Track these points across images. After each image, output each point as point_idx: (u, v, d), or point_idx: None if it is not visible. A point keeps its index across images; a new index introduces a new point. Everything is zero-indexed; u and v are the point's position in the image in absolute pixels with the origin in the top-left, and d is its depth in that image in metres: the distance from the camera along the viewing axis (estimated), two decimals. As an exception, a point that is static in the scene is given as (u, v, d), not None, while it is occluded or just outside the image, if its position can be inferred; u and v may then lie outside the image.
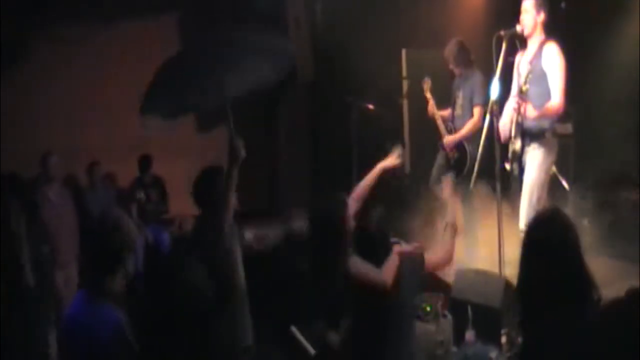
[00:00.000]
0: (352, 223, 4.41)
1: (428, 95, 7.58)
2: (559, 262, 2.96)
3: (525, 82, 5.79)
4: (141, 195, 8.79)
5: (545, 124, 5.95)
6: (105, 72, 9.22)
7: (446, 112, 7.60)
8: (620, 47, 8.40)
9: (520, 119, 5.91)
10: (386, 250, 4.18)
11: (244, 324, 4.73)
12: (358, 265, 4.13)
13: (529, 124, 5.92)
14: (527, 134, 5.95)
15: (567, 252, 2.99)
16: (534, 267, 3.01)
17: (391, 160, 5.29)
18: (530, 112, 5.85)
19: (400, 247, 4.26)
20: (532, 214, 5.94)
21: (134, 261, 3.59)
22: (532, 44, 6.06)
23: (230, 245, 4.64)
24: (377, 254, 4.14)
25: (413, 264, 4.19)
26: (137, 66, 7.52)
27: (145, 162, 8.99)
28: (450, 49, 7.43)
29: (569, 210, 7.73)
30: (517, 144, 5.98)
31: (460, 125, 7.42)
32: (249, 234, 7.62)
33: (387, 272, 4.09)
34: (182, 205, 5.20)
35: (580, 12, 8.51)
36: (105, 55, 9.19)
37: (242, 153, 4.66)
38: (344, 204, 4.42)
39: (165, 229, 8.78)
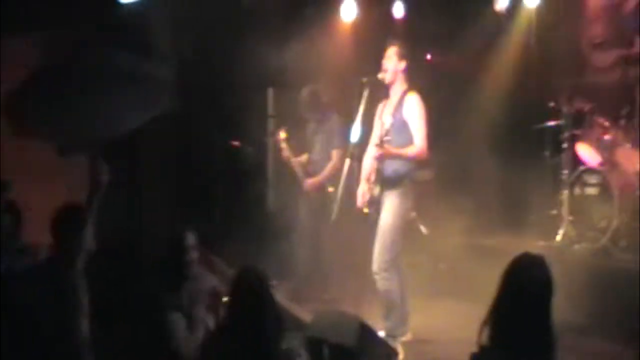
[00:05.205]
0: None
1: (283, 145, 7.69)
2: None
3: (387, 134, 5.92)
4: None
5: (404, 171, 6.12)
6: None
7: (304, 158, 7.71)
8: (481, 95, 8.79)
9: (381, 167, 6.05)
10: None
11: None
12: None
13: (388, 171, 6.08)
14: (387, 181, 6.10)
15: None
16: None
17: None
18: (391, 161, 6.02)
19: None
20: (385, 256, 6.08)
21: None
22: (395, 94, 6.23)
23: (79, 297, 4.40)
24: None
25: None
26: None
27: (-1, 186, 8.55)
28: (303, 98, 7.59)
29: (425, 255, 7.97)
30: (376, 190, 6.13)
31: (319, 168, 7.55)
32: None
33: None
34: (41, 233, 4.96)
35: (444, 63, 8.88)
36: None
37: (105, 179, 4.54)
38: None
39: (20, 258, 8.34)
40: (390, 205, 6.11)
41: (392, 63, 6.15)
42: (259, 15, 8.11)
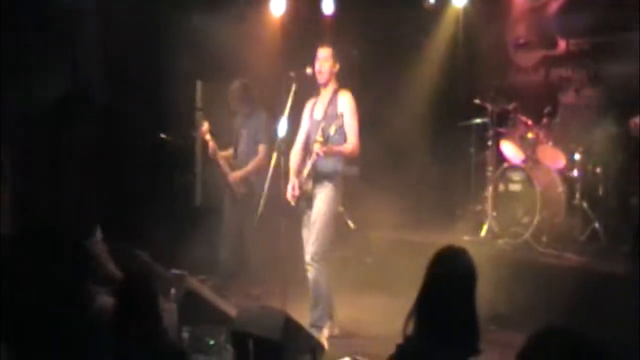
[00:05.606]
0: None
1: (207, 137, 7.65)
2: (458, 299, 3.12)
3: (334, 133, 6.00)
4: None
5: (338, 166, 6.26)
6: None
7: (228, 153, 7.69)
8: (408, 92, 8.89)
9: (318, 163, 6.14)
10: None
11: None
12: None
13: (327, 167, 6.20)
14: (322, 176, 6.20)
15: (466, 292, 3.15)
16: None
17: None
18: (329, 158, 6.13)
19: None
20: (319, 247, 6.17)
21: None
22: (326, 92, 6.35)
23: None
24: None
25: None
26: None
27: None
28: (233, 91, 7.60)
29: (352, 250, 8.03)
30: (309, 184, 6.21)
31: (244, 161, 7.55)
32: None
33: None
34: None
35: (371, 59, 8.94)
36: None
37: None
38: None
39: None
40: (325, 198, 6.22)
41: (328, 65, 6.26)
42: (187, 7, 8.04)
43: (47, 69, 7.05)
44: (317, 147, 6.03)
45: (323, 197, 6.22)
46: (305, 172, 6.23)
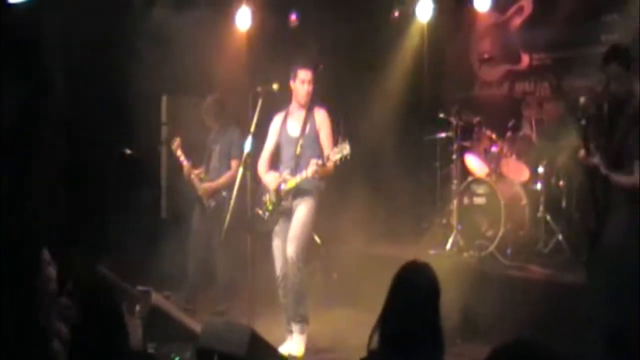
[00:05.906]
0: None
1: (179, 153, 7.64)
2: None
3: (336, 153, 6.00)
4: None
5: (316, 181, 6.30)
6: None
7: (199, 170, 7.66)
8: (374, 106, 8.92)
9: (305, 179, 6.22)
10: None
11: None
12: None
13: (313, 183, 6.28)
14: (301, 190, 6.29)
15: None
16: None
17: None
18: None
19: None
20: (303, 247, 6.29)
21: None
22: (301, 109, 6.43)
23: None
24: None
25: None
26: None
27: None
28: (208, 106, 7.60)
29: (319, 263, 8.03)
30: (288, 199, 6.32)
31: (216, 176, 7.53)
32: None
33: None
34: None
35: (337, 73, 8.97)
36: None
37: None
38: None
39: None
40: (305, 209, 6.31)
41: (311, 87, 6.37)
42: (153, 20, 8.02)
43: (6, 82, 6.97)
44: (313, 171, 6.07)
45: (303, 208, 6.31)
46: (286, 186, 6.28)
